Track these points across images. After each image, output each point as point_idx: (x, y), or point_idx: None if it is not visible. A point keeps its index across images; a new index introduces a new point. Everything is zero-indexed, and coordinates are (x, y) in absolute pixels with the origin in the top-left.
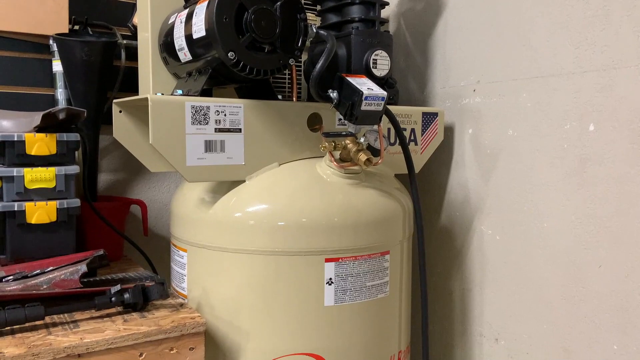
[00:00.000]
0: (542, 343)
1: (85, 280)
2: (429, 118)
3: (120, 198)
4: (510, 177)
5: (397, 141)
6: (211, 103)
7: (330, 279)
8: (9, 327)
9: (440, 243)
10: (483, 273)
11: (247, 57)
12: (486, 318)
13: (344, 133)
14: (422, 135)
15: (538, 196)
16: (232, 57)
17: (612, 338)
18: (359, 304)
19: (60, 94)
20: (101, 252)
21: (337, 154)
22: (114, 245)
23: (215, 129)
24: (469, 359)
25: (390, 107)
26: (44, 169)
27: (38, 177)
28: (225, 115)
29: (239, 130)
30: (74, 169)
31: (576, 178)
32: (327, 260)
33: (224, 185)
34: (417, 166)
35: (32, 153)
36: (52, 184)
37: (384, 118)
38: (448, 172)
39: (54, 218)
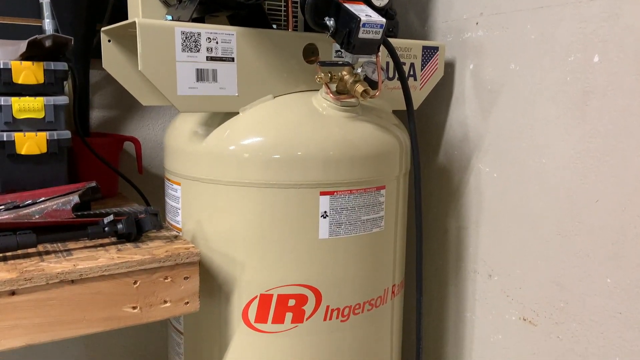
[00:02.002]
0: (535, 278)
1: (78, 213)
2: (429, 52)
3: (114, 135)
4: (510, 113)
5: (396, 76)
6: (202, 29)
7: (325, 212)
8: (0, 254)
9: (437, 181)
10: (479, 211)
11: None
12: (481, 255)
13: (341, 62)
14: (421, 70)
15: (538, 132)
16: None
17: (605, 272)
18: (354, 237)
19: (48, 24)
20: (93, 184)
21: (333, 86)
22: (108, 181)
23: (207, 57)
24: (462, 294)
25: (389, 39)
26: (32, 98)
27: (26, 106)
28: (217, 42)
29: (232, 59)
30: (63, 99)
31: (578, 112)
32: (322, 193)
33: (217, 117)
34: (416, 102)
35: (19, 82)
36: (41, 114)
37: (383, 51)
38: (447, 109)
39: (44, 149)
